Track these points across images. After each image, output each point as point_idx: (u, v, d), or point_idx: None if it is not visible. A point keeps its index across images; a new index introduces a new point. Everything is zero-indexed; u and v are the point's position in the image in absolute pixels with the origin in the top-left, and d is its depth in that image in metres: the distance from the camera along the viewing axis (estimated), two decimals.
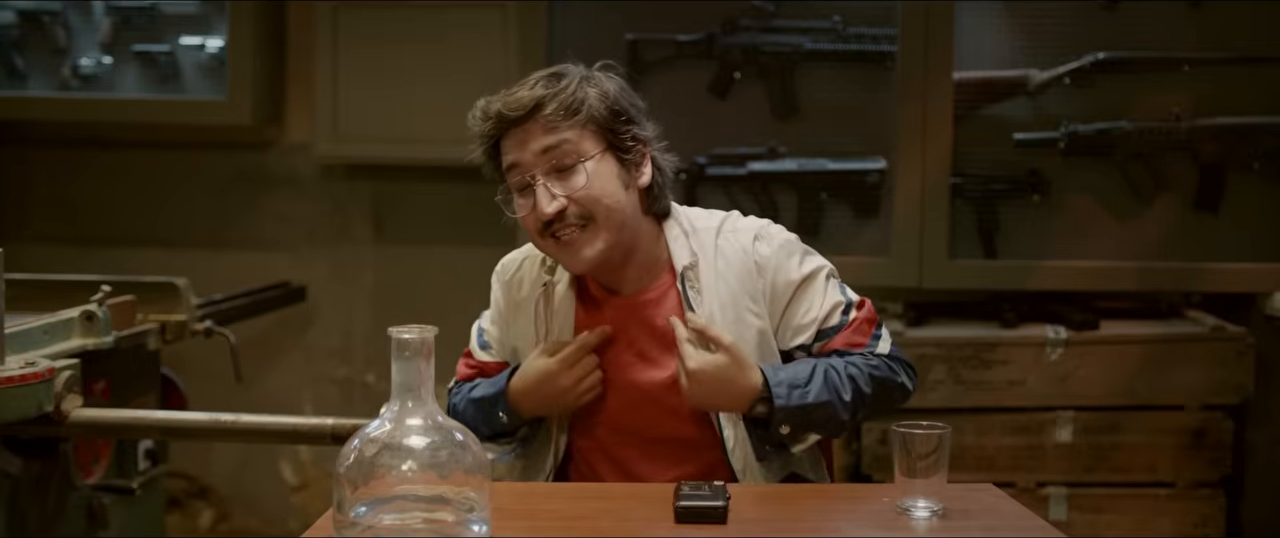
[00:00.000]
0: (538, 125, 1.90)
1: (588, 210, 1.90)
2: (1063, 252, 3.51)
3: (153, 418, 2.37)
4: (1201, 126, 3.44)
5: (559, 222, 1.90)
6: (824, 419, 1.91)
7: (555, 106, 1.90)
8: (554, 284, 2.02)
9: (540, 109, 1.90)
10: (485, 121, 1.94)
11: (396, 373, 1.46)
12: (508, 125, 1.92)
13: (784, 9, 3.55)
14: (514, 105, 1.91)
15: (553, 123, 1.90)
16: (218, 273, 3.82)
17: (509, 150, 1.93)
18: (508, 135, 1.92)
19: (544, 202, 1.89)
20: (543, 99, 1.90)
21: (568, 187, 1.90)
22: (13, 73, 3.94)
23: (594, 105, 1.92)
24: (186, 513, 4.08)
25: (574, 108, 1.91)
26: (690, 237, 2.00)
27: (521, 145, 1.91)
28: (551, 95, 1.91)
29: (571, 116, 1.91)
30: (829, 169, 3.53)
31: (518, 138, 1.91)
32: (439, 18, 3.76)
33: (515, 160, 1.92)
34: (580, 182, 1.90)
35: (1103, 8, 3.46)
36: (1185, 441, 3.42)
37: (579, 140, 1.91)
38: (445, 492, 1.45)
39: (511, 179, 1.94)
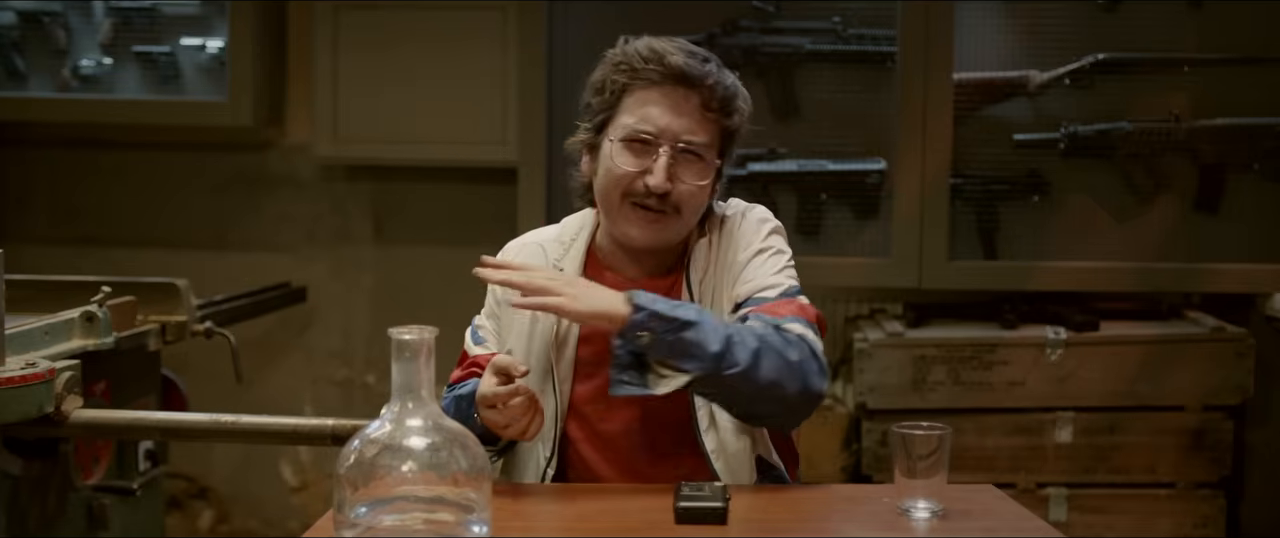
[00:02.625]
0: (699, 101, 1.89)
1: (682, 203, 1.90)
2: (1063, 252, 3.51)
3: (153, 419, 2.37)
4: (1201, 127, 3.45)
5: (656, 198, 1.88)
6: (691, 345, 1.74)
7: (722, 94, 1.90)
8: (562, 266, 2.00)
9: (713, 89, 1.89)
10: (648, 61, 1.89)
11: (396, 374, 1.46)
12: (669, 79, 1.88)
13: (784, 10, 3.55)
14: (691, 69, 1.87)
15: (711, 107, 1.89)
16: (218, 274, 3.82)
17: (653, 103, 1.89)
18: (661, 89, 1.89)
19: (661, 176, 1.87)
20: (718, 81, 1.89)
21: (681, 174, 1.89)
22: (13, 74, 3.94)
23: (738, 116, 1.93)
24: (187, 514, 4.08)
25: (731, 108, 1.92)
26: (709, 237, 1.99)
27: (675, 110, 1.88)
28: (721, 83, 1.90)
29: (726, 115, 1.92)
30: (829, 170, 3.53)
31: (670, 98, 1.88)
32: (439, 18, 3.76)
33: (659, 121, 1.88)
34: (697, 179, 1.90)
35: (1103, 9, 3.46)
36: (1185, 441, 3.42)
37: (713, 138, 1.92)
38: (445, 493, 1.45)
39: (630, 128, 1.89)
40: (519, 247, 2.08)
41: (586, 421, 1.98)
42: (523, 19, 3.59)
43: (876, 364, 3.41)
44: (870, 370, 3.42)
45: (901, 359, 3.41)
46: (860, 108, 3.54)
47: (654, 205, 1.90)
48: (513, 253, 2.07)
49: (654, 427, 1.96)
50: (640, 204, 1.90)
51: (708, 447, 1.92)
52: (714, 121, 1.91)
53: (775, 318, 1.85)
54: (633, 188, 1.90)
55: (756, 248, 1.96)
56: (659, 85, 1.89)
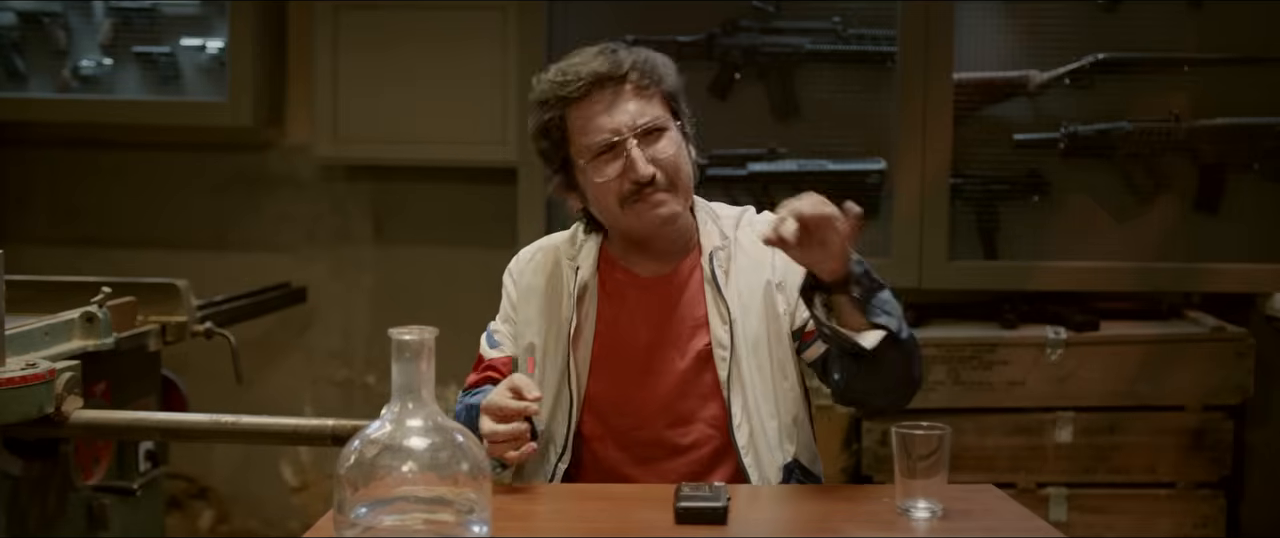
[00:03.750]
0: (629, 89, 1.94)
1: (671, 175, 1.95)
2: (1063, 252, 3.51)
3: (153, 419, 2.37)
4: (1201, 127, 3.45)
5: (650, 185, 1.93)
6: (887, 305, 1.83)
7: (643, 72, 1.95)
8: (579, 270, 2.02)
9: (631, 73, 1.94)
10: (567, 83, 1.94)
11: (397, 374, 1.46)
12: (595, 88, 1.93)
13: (784, 10, 3.55)
14: (607, 67, 1.93)
15: (642, 86, 1.95)
16: (218, 274, 3.82)
17: (595, 115, 1.93)
18: (592, 101, 1.94)
19: (641, 164, 1.91)
20: (633, 63, 1.95)
21: (657, 152, 1.94)
22: (13, 74, 3.94)
23: (669, 76, 1.99)
24: (187, 514, 4.08)
25: (658, 76, 1.97)
26: (717, 222, 2.05)
27: (612, 109, 1.93)
28: (638, 62, 1.95)
29: (657, 83, 1.97)
30: (829, 170, 3.53)
31: (605, 102, 1.93)
32: (439, 18, 3.76)
33: (606, 124, 1.92)
34: (668, 149, 1.95)
35: (1103, 8, 3.46)
36: (1185, 441, 3.42)
37: (661, 108, 1.97)
38: (445, 493, 1.45)
39: (592, 145, 1.93)
40: (534, 250, 2.11)
41: (603, 417, 1.98)
42: (523, 19, 3.59)
43: None
44: None
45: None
46: (860, 108, 3.54)
47: (650, 191, 1.93)
48: (527, 258, 2.10)
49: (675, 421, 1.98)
50: (638, 198, 1.93)
51: (739, 442, 1.94)
52: (650, 93, 1.95)
53: None
54: (624, 189, 1.93)
55: None
56: (587, 96, 1.94)
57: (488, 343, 2.09)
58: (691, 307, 2.00)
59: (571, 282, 2.02)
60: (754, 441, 1.95)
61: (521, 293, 2.07)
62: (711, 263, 2.00)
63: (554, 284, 2.04)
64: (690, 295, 2.00)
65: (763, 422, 1.96)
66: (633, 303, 2.01)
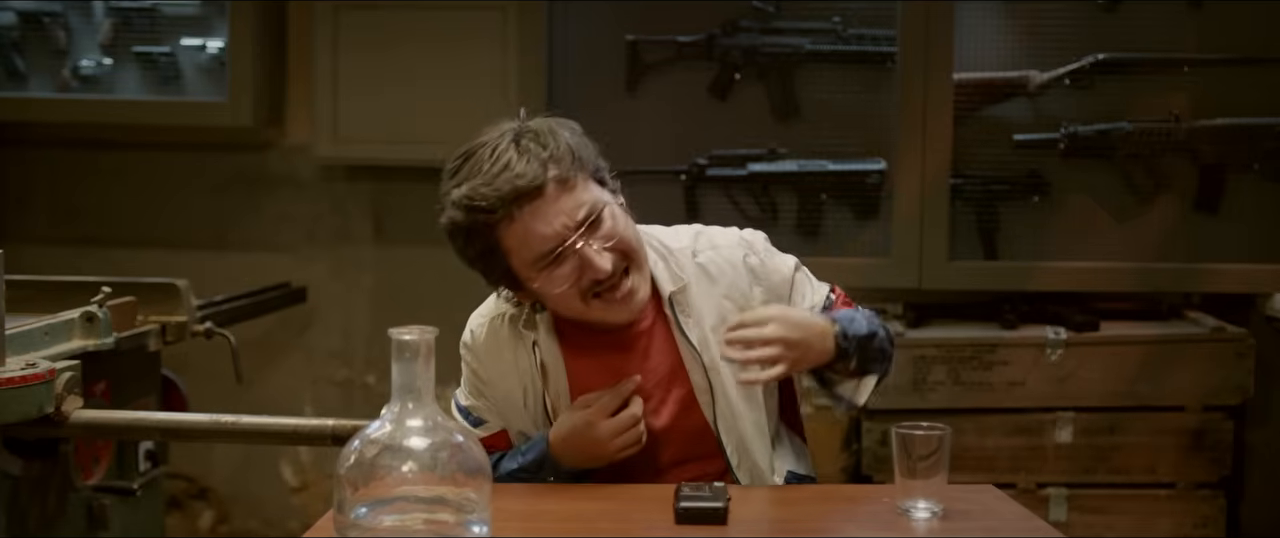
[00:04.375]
0: (552, 190, 1.80)
1: (627, 253, 1.86)
2: (1063, 253, 3.51)
3: (153, 419, 2.37)
4: (1201, 127, 3.44)
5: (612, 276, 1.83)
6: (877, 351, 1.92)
7: (561, 165, 1.80)
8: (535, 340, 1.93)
9: (547, 175, 1.79)
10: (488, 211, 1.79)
11: (397, 374, 1.46)
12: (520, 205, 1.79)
13: (784, 10, 3.55)
14: (525, 180, 1.78)
15: (564, 180, 1.80)
16: (218, 274, 3.82)
17: (530, 229, 1.79)
18: (521, 217, 1.79)
19: (599, 260, 1.81)
20: (544, 162, 1.79)
21: (605, 237, 1.83)
22: (13, 74, 3.94)
23: (582, 151, 1.85)
24: (187, 514, 4.08)
25: (574, 160, 1.82)
26: (668, 260, 1.95)
27: (546, 218, 1.79)
28: (553, 156, 1.80)
29: (578, 169, 1.82)
30: (829, 170, 3.53)
31: (537, 213, 1.79)
32: (439, 18, 3.76)
33: (547, 234, 1.79)
34: (613, 227, 1.84)
35: (1103, 9, 3.46)
36: (1185, 441, 3.42)
37: (589, 189, 1.84)
38: (445, 493, 1.45)
39: (537, 257, 1.81)
40: (485, 322, 1.99)
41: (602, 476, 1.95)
42: (523, 19, 3.59)
43: None
44: None
45: (902, 359, 3.41)
46: (860, 108, 3.54)
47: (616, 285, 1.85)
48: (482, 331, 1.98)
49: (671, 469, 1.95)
50: (601, 293, 1.85)
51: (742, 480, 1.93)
52: (573, 184, 1.81)
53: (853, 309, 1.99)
54: (585, 288, 1.84)
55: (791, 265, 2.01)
56: (512, 215, 1.79)
57: (467, 421, 1.98)
58: (663, 354, 1.93)
59: (533, 359, 1.93)
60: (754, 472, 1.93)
61: (489, 373, 1.96)
62: (673, 309, 1.92)
63: (519, 361, 1.94)
64: (659, 343, 1.93)
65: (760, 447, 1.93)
66: (602, 362, 1.92)
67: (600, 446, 1.86)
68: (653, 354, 1.94)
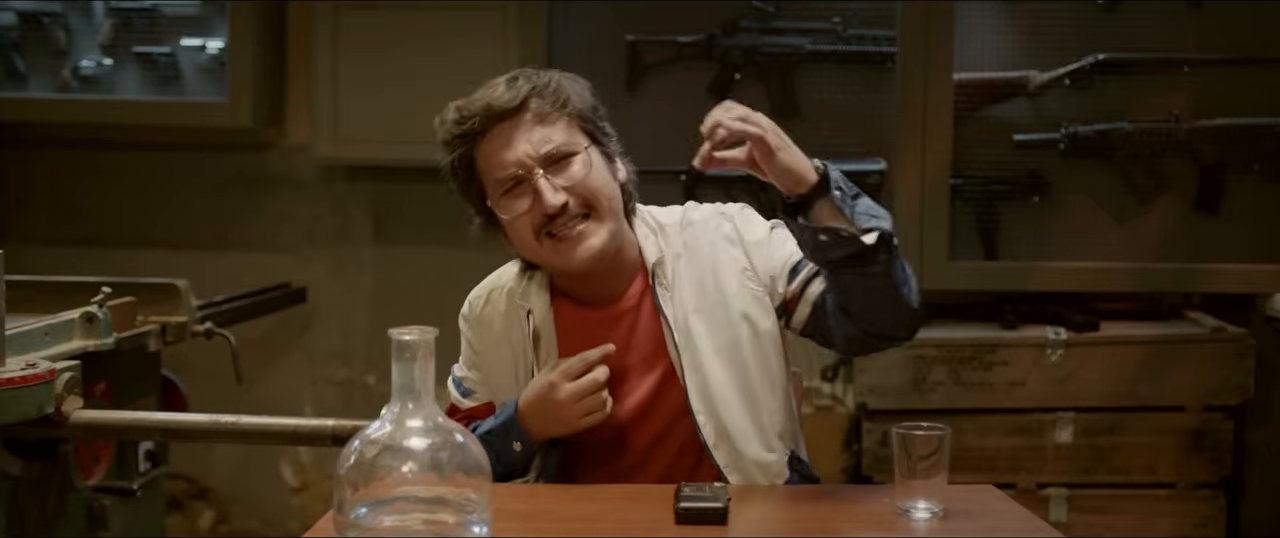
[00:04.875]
0: (529, 118, 1.87)
1: (589, 201, 1.87)
2: (1063, 253, 3.51)
3: (153, 419, 2.37)
4: (1201, 127, 3.45)
5: (562, 215, 1.85)
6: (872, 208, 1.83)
7: (544, 98, 1.88)
8: (531, 312, 1.96)
9: (529, 101, 1.87)
10: (464, 122, 1.88)
11: (396, 375, 1.45)
12: (493, 122, 1.87)
13: (784, 10, 3.55)
14: (502, 100, 1.87)
15: (543, 113, 1.87)
16: (218, 274, 3.82)
17: (497, 151, 1.87)
18: (492, 136, 1.87)
19: (549, 194, 1.84)
20: (530, 92, 1.87)
21: (567, 178, 1.86)
22: (13, 74, 3.94)
23: (577, 97, 1.91)
24: (187, 514, 4.08)
25: (562, 99, 1.89)
26: (657, 235, 1.98)
27: (512, 142, 1.86)
28: (537, 88, 1.88)
29: (561, 107, 1.88)
30: None
31: (505, 135, 1.86)
32: (439, 18, 3.76)
33: (509, 158, 1.86)
34: (580, 172, 1.86)
35: (1103, 9, 3.46)
36: (1185, 442, 3.42)
37: (570, 131, 1.89)
38: (445, 493, 1.45)
39: (499, 181, 1.87)
40: (484, 294, 2.03)
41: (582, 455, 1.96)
42: (523, 19, 3.59)
43: (877, 365, 3.41)
44: (870, 371, 3.42)
45: (901, 360, 3.41)
46: (860, 108, 3.55)
47: (566, 223, 1.86)
48: (481, 302, 2.02)
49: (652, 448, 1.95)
50: (553, 232, 1.87)
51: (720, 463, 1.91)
52: (554, 119, 1.88)
53: None
54: (537, 224, 1.86)
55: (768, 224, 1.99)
56: (486, 132, 1.87)
57: (459, 392, 2.03)
58: (648, 329, 1.94)
59: (526, 327, 1.96)
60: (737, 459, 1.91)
61: (485, 343, 2.00)
62: (654, 281, 1.93)
63: (511, 333, 1.97)
64: (645, 319, 1.94)
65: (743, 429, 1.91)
66: (590, 339, 1.93)
67: (561, 409, 1.86)
68: (639, 329, 1.94)
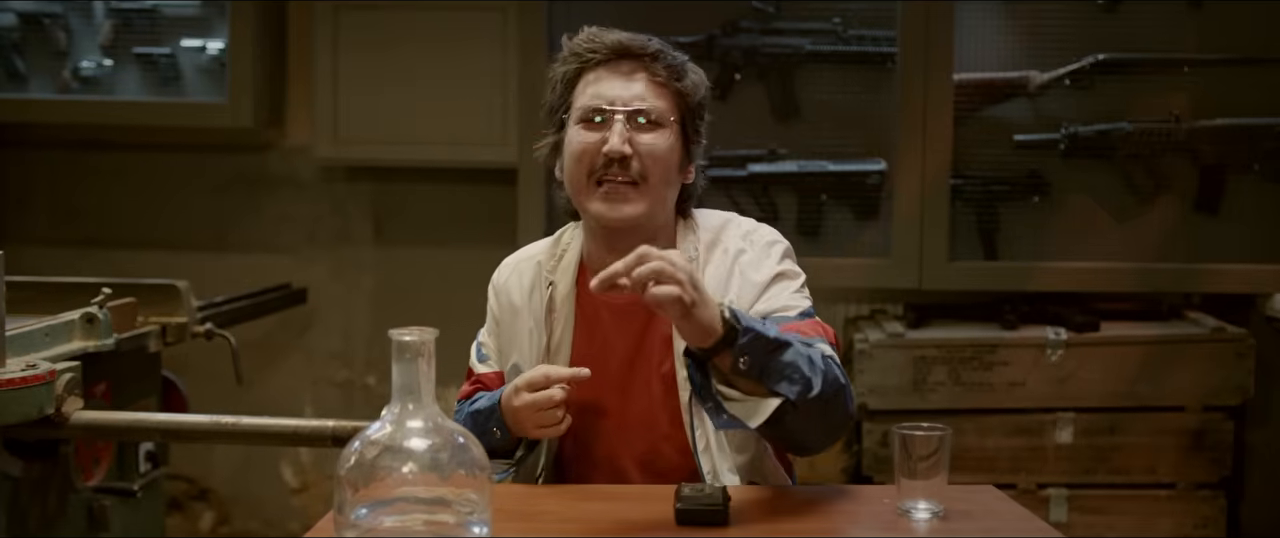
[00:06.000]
0: (646, 71, 1.92)
1: (647, 169, 1.89)
2: (1063, 253, 3.51)
3: (153, 420, 2.37)
4: (1201, 128, 3.45)
5: (619, 167, 1.87)
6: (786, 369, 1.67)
7: (668, 62, 1.93)
8: (555, 287, 1.99)
9: (657, 58, 1.92)
10: (591, 43, 1.93)
11: (397, 375, 1.45)
12: (615, 57, 1.92)
13: (784, 10, 3.55)
14: (634, 43, 1.93)
15: (658, 78, 1.92)
16: (218, 275, 3.82)
17: (601, 81, 1.92)
18: (605, 68, 1.93)
19: (618, 138, 1.87)
20: (661, 51, 1.93)
21: (642, 141, 1.89)
22: (13, 75, 3.94)
23: (693, 86, 1.95)
24: (187, 515, 4.08)
25: (680, 74, 1.93)
26: (696, 235, 1.98)
27: (623, 81, 1.91)
28: (666, 54, 1.93)
29: (676, 79, 1.93)
30: (829, 171, 3.53)
31: (615, 74, 1.92)
32: (439, 19, 3.76)
33: (606, 92, 1.90)
34: (655, 142, 1.89)
35: (1103, 9, 3.46)
36: (1185, 442, 3.42)
37: (670, 107, 1.92)
38: (446, 494, 1.45)
39: (585, 108, 1.91)
40: (514, 263, 2.07)
41: (580, 441, 1.96)
42: (523, 19, 3.59)
43: (877, 365, 3.41)
44: (871, 371, 3.42)
45: (902, 360, 3.41)
46: (860, 108, 3.55)
47: (618, 175, 1.88)
48: (509, 270, 2.06)
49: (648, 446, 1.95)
50: (604, 178, 1.89)
51: (703, 469, 1.90)
52: (664, 85, 1.92)
53: (803, 337, 1.79)
54: (595, 163, 1.89)
55: (774, 271, 1.93)
56: (605, 63, 1.93)
57: (476, 357, 2.07)
58: (662, 326, 1.93)
59: (545, 296, 1.98)
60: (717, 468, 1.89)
61: (504, 310, 2.03)
62: None
63: (533, 303, 2.00)
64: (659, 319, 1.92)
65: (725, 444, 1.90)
66: (607, 325, 1.95)
67: (517, 415, 1.85)
68: (655, 324, 1.93)
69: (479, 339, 2.09)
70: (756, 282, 1.92)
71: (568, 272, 2.00)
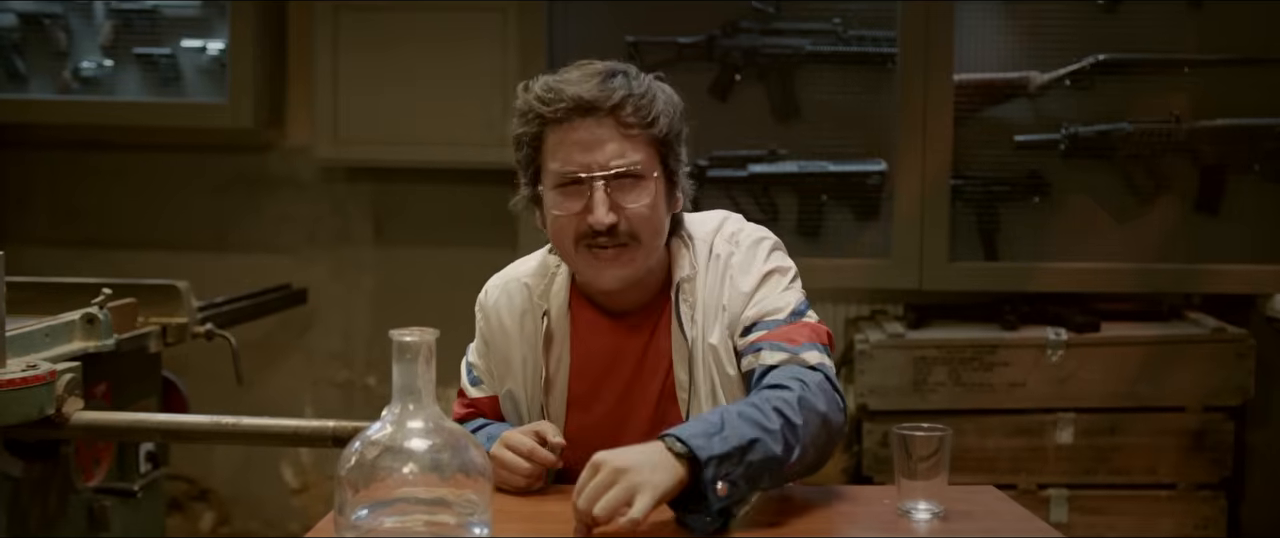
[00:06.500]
0: (613, 125, 1.78)
1: (636, 229, 1.80)
2: (1063, 253, 3.51)
3: (154, 421, 2.37)
4: (1202, 128, 3.45)
5: (606, 237, 1.79)
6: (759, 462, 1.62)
7: (635, 109, 1.79)
8: (550, 317, 1.93)
9: (621, 108, 1.78)
10: (547, 102, 1.79)
11: (397, 376, 1.45)
12: (577, 114, 1.78)
13: (784, 11, 3.55)
14: (594, 96, 1.77)
15: (628, 125, 1.79)
16: (218, 275, 3.82)
17: (568, 144, 1.79)
18: (570, 127, 1.79)
19: (602, 211, 1.77)
20: (624, 98, 1.78)
21: (626, 201, 1.79)
22: (14, 76, 3.94)
23: (665, 118, 1.82)
24: (187, 516, 4.08)
25: (651, 117, 1.80)
26: (689, 248, 1.93)
27: (586, 144, 1.78)
28: (633, 96, 1.79)
29: (648, 127, 1.80)
30: (829, 171, 3.53)
31: (583, 133, 1.78)
32: (439, 19, 3.76)
33: (577, 159, 1.78)
34: (639, 200, 1.80)
35: (1103, 9, 3.46)
36: (1186, 442, 3.42)
37: (646, 154, 1.81)
38: (446, 494, 1.45)
39: (559, 174, 1.80)
40: (502, 284, 2.00)
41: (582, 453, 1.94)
42: (523, 19, 3.59)
43: (877, 365, 3.41)
44: (871, 372, 3.42)
45: (902, 360, 3.41)
46: (860, 109, 3.55)
47: (607, 243, 1.80)
48: (496, 291, 2.00)
49: None
50: (593, 245, 1.81)
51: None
52: (638, 136, 1.79)
53: (791, 346, 1.79)
54: (581, 231, 1.80)
55: (762, 273, 1.88)
56: (567, 122, 1.79)
57: (468, 380, 2.02)
58: (660, 343, 1.90)
59: (541, 327, 1.93)
60: None
61: (494, 332, 1.97)
62: (677, 297, 1.89)
63: (525, 329, 1.94)
64: (659, 333, 1.90)
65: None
66: (604, 345, 1.91)
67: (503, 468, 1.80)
68: (653, 342, 1.91)
69: (469, 359, 2.03)
70: (745, 291, 1.87)
71: (560, 295, 1.94)
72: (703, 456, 1.57)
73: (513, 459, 1.80)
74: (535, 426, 1.85)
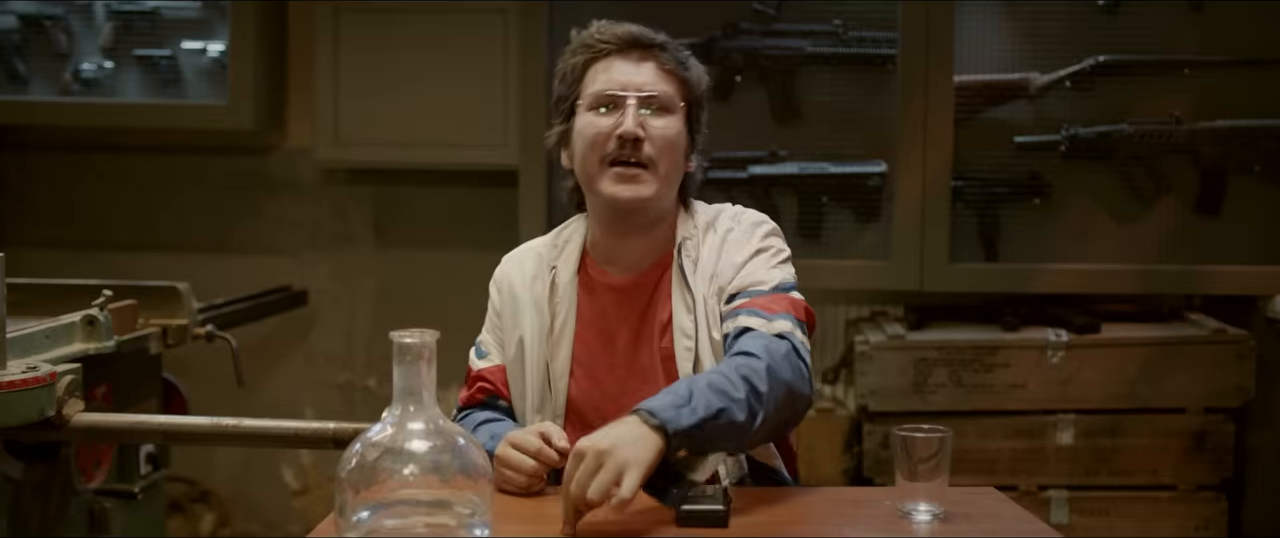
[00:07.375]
0: (655, 59, 1.99)
1: (657, 154, 1.95)
2: (1063, 255, 3.51)
3: (154, 422, 2.37)
4: (1202, 129, 3.45)
5: (631, 149, 1.93)
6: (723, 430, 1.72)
7: (674, 53, 2.01)
8: (557, 272, 2.03)
9: (665, 48, 2.00)
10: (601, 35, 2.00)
11: (398, 377, 1.46)
12: (625, 47, 1.98)
13: (785, 12, 3.55)
14: (643, 34, 2.00)
15: (666, 67, 1.99)
16: (219, 277, 3.82)
17: (611, 69, 1.98)
18: (615, 57, 1.98)
19: (631, 120, 1.93)
20: (667, 42, 2.01)
21: (654, 126, 1.96)
22: (14, 77, 3.95)
23: (696, 79, 2.03)
24: (188, 517, 4.08)
25: (686, 66, 2.02)
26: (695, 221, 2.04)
27: (633, 67, 1.97)
28: (672, 46, 2.01)
29: (683, 70, 2.01)
30: (830, 172, 3.53)
31: (625, 62, 1.98)
32: (439, 21, 3.76)
33: (617, 78, 1.96)
34: (666, 127, 1.96)
35: (1104, 10, 3.46)
36: (1186, 444, 3.42)
37: (677, 91, 1.99)
38: (447, 496, 1.45)
39: (596, 95, 1.96)
40: (516, 256, 2.11)
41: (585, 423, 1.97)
42: (523, 20, 3.59)
43: (877, 367, 3.41)
44: (871, 373, 3.42)
45: (902, 362, 3.41)
46: (861, 110, 3.55)
47: (630, 157, 1.94)
48: (510, 263, 2.09)
49: None
50: (617, 161, 1.94)
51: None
52: (672, 73, 1.99)
53: (767, 314, 1.88)
54: (608, 146, 1.94)
55: (754, 248, 1.99)
56: (615, 52, 1.99)
57: (476, 355, 2.09)
58: (662, 305, 1.99)
59: (547, 281, 2.02)
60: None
61: (505, 301, 2.06)
62: (680, 253, 1.99)
63: (535, 289, 2.04)
64: (661, 295, 1.99)
65: None
66: (609, 307, 2.00)
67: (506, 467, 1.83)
68: (655, 304, 1.99)
69: (479, 339, 2.11)
70: (736, 263, 1.97)
71: (570, 259, 2.04)
72: (671, 428, 1.66)
73: (518, 459, 1.83)
74: (540, 427, 1.88)
